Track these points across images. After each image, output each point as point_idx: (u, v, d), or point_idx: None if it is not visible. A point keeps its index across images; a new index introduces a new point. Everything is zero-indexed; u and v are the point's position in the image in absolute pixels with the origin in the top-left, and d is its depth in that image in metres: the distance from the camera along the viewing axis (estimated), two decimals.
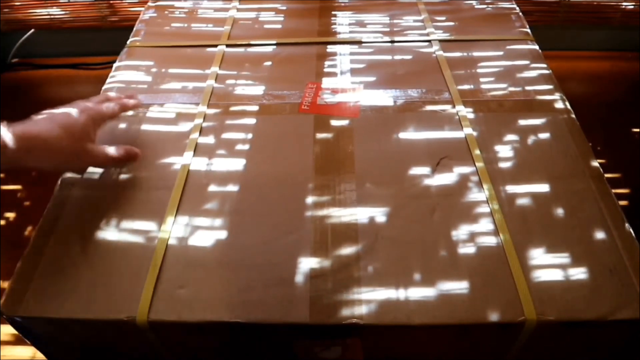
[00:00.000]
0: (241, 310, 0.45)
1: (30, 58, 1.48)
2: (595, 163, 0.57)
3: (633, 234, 0.50)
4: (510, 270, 0.47)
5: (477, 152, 0.58)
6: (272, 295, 0.46)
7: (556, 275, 0.47)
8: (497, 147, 0.59)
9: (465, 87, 0.68)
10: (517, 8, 0.84)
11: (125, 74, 0.73)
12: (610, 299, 0.45)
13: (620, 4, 1.32)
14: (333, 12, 0.85)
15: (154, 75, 0.72)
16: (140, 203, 0.54)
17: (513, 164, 0.57)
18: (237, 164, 0.58)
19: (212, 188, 0.56)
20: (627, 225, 0.51)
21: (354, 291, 0.46)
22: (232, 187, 0.56)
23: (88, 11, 1.37)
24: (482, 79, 0.69)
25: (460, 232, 0.51)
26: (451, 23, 0.80)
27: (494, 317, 0.44)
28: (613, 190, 0.54)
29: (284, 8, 0.86)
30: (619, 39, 1.42)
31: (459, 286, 0.46)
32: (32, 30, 1.43)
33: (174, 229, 0.52)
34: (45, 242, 0.51)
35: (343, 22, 0.82)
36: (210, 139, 0.62)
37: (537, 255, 0.49)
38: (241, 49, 0.77)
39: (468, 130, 0.61)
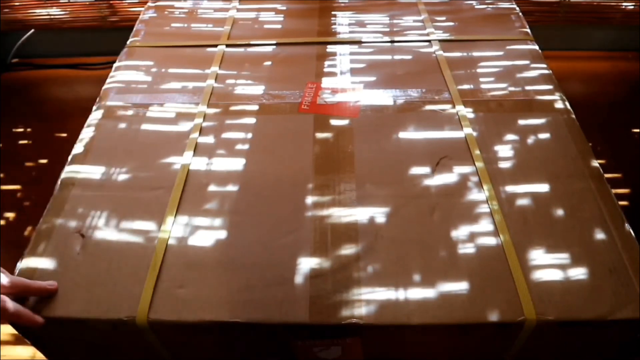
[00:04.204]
0: (241, 310, 0.45)
1: (30, 58, 1.48)
2: (595, 163, 0.57)
3: (633, 234, 0.50)
4: (510, 270, 0.47)
5: (477, 152, 0.58)
6: (272, 295, 0.46)
7: (556, 275, 0.47)
8: (497, 147, 0.59)
9: (465, 87, 0.68)
10: (517, 8, 0.84)
11: (125, 74, 0.73)
12: (609, 299, 0.45)
13: (620, 4, 1.31)
14: (333, 12, 0.85)
15: (154, 75, 0.72)
16: (140, 203, 0.54)
17: (513, 164, 0.57)
18: (237, 164, 0.58)
19: (212, 188, 0.56)
20: (626, 225, 0.51)
21: (354, 291, 0.46)
22: (232, 187, 0.56)
23: (88, 11, 1.37)
24: (482, 79, 0.69)
25: (460, 232, 0.51)
26: (451, 23, 0.80)
27: (493, 317, 0.44)
28: (613, 190, 0.54)
29: (284, 8, 0.86)
30: (619, 39, 1.41)
31: (459, 286, 0.46)
32: (32, 30, 1.43)
33: (173, 229, 0.52)
34: (45, 242, 0.51)
35: (343, 22, 0.82)
36: (210, 139, 0.62)
37: (537, 255, 0.49)
38: (241, 49, 0.77)
39: (468, 130, 0.61)
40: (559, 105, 0.65)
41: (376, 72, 0.71)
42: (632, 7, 1.32)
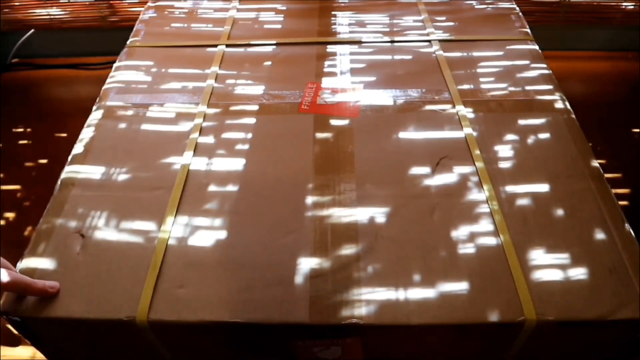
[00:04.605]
0: (241, 310, 0.45)
1: (30, 58, 1.48)
2: (595, 163, 0.57)
3: (633, 234, 0.50)
4: (510, 270, 0.47)
5: (477, 152, 0.58)
6: (272, 295, 0.46)
7: (556, 275, 0.47)
8: (497, 147, 0.59)
9: (465, 87, 0.68)
10: (517, 8, 0.84)
11: (125, 74, 0.73)
12: (609, 299, 0.45)
13: (620, 4, 1.31)
14: (333, 12, 0.85)
15: (154, 75, 0.72)
16: (140, 203, 0.54)
17: (513, 164, 0.57)
18: (237, 164, 0.58)
19: (212, 188, 0.56)
20: (626, 225, 0.51)
21: (354, 291, 0.46)
22: (232, 187, 0.56)
23: (88, 11, 1.37)
24: (482, 79, 0.69)
25: (460, 232, 0.51)
26: (451, 23, 0.80)
27: (493, 317, 0.44)
28: (613, 190, 0.54)
29: (284, 8, 0.86)
30: (619, 39, 1.41)
31: (459, 286, 0.46)
32: (32, 30, 1.43)
33: (173, 229, 0.52)
34: (45, 242, 0.51)
35: (343, 22, 0.82)
36: (210, 139, 0.62)
37: (537, 255, 0.49)
38: (241, 49, 0.77)
39: (468, 130, 0.61)
40: (559, 105, 0.65)
41: (376, 72, 0.71)
42: (632, 7, 1.32)
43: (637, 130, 1.21)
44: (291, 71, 0.72)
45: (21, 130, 1.27)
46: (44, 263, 0.49)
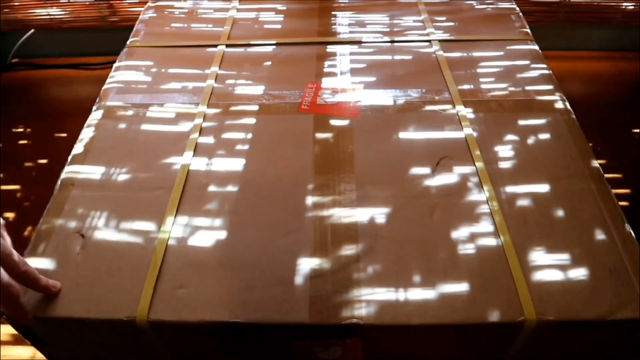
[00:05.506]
0: (241, 310, 0.45)
1: (30, 58, 1.48)
2: (595, 163, 0.57)
3: (633, 234, 0.50)
4: (510, 270, 0.47)
5: (477, 152, 0.58)
6: (272, 295, 0.46)
7: (556, 275, 0.47)
8: (497, 147, 0.59)
9: (465, 87, 0.68)
10: (517, 8, 0.84)
11: (125, 74, 0.73)
12: (609, 299, 0.45)
13: (620, 4, 1.32)
14: (333, 12, 0.85)
15: (154, 75, 0.72)
16: (140, 203, 0.54)
17: (513, 164, 0.57)
18: (237, 164, 0.58)
19: (212, 188, 0.56)
20: (627, 225, 0.51)
21: (354, 291, 0.46)
22: (232, 187, 0.56)
23: (88, 11, 1.37)
24: (482, 79, 0.69)
25: (460, 232, 0.51)
26: (451, 23, 0.80)
27: (493, 317, 0.44)
28: (613, 190, 0.54)
29: (284, 8, 0.86)
30: (619, 39, 1.42)
31: (459, 286, 0.46)
32: (32, 30, 1.43)
33: (173, 229, 0.52)
34: (45, 242, 0.51)
35: (343, 22, 0.82)
36: (210, 139, 0.62)
37: (537, 256, 0.49)
38: (241, 49, 0.77)
39: (468, 131, 0.61)
40: (559, 105, 0.65)
41: (376, 72, 0.71)
42: (632, 7, 1.32)
43: (637, 130, 1.21)
44: (291, 71, 0.72)
45: (21, 130, 1.27)
46: (44, 263, 0.49)
